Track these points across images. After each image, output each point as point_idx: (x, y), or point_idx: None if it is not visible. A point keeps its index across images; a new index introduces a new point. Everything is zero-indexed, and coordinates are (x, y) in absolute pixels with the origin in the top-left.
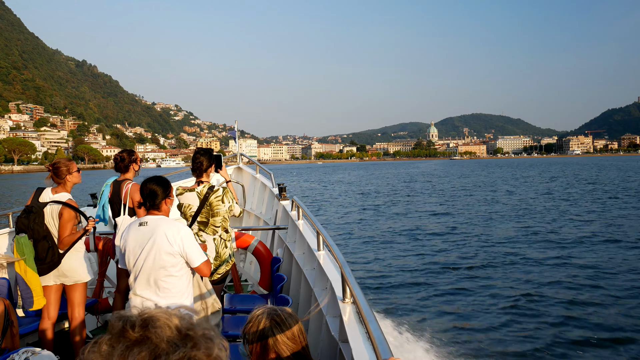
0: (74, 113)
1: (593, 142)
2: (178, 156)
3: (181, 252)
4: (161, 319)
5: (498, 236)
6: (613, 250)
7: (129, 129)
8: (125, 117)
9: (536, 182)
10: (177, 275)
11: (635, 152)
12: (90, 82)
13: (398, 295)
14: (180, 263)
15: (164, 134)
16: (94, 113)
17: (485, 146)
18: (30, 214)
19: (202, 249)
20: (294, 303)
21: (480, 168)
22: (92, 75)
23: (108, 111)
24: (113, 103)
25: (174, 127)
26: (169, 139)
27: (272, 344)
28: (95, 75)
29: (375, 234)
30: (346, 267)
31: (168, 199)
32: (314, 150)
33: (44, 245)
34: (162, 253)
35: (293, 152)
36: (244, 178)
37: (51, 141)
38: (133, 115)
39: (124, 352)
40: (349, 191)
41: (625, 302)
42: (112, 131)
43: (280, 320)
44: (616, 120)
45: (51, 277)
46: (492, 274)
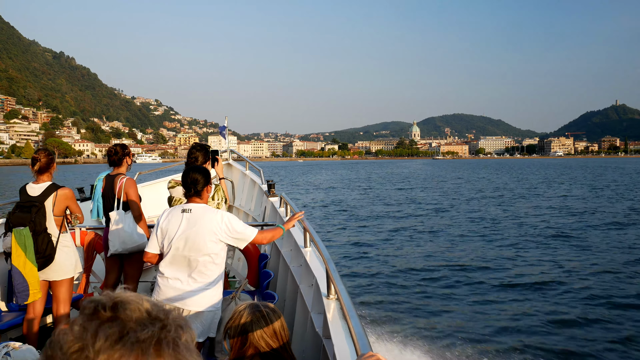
0: (48, 106)
1: (574, 144)
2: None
3: (230, 236)
4: (132, 302)
5: (494, 238)
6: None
7: (106, 123)
8: (103, 110)
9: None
10: (217, 263)
11: (615, 154)
12: (68, 75)
13: (383, 291)
14: (223, 251)
15: (142, 129)
16: (70, 106)
17: (467, 146)
18: (31, 208)
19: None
20: (280, 299)
21: (476, 168)
22: (69, 68)
23: (85, 104)
24: (91, 96)
25: (154, 122)
26: (147, 134)
27: (252, 339)
28: (73, 67)
29: (363, 231)
30: (331, 263)
31: (209, 186)
32: (295, 147)
33: (44, 239)
34: (206, 240)
35: (274, 150)
36: (234, 174)
37: (21, 134)
38: (111, 109)
39: (96, 330)
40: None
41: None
42: (87, 125)
43: (262, 316)
44: (594, 122)
45: (41, 273)
46: (477, 272)
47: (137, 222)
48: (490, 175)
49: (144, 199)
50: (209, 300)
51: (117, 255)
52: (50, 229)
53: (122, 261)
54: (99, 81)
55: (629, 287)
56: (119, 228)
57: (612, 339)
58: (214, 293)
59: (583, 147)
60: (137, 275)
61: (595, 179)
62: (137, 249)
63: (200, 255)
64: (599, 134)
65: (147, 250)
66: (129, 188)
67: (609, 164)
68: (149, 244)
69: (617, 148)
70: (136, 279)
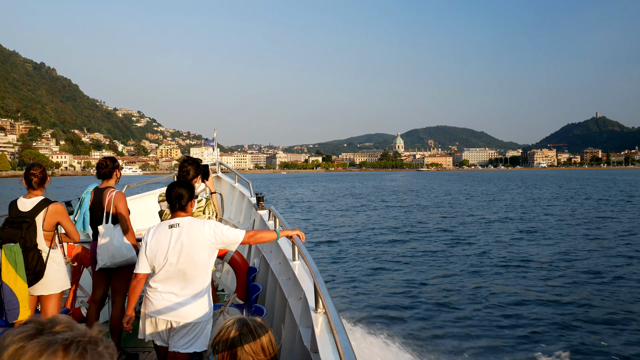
0: (27, 117)
1: (557, 155)
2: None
3: (221, 241)
4: (62, 321)
5: (488, 244)
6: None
7: (87, 135)
8: (84, 122)
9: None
10: (208, 273)
11: (598, 165)
12: (48, 86)
13: (372, 304)
14: (212, 260)
15: (124, 141)
16: (50, 117)
17: (451, 158)
18: (22, 224)
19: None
20: (269, 313)
21: (469, 181)
22: (50, 79)
23: (66, 116)
24: (72, 108)
25: (136, 133)
26: (129, 145)
27: (240, 354)
28: (54, 78)
29: (352, 244)
30: (319, 277)
31: (193, 201)
32: (278, 159)
33: (34, 255)
34: (199, 251)
35: (257, 162)
36: (223, 187)
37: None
38: (93, 120)
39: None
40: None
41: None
42: (67, 137)
43: (249, 330)
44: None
45: (31, 289)
46: (465, 283)
47: (125, 235)
48: (490, 188)
49: (133, 212)
50: (202, 310)
51: (105, 270)
52: (40, 245)
53: (110, 275)
54: (81, 92)
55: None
56: (108, 242)
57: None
58: (206, 303)
59: (566, 158)
60: (125, 289)
61: (607, 191)
62: (125, 263)
63: (194, 266)
64: (580, 145)
65: (138, 272)
66: (118, 201)
67: (597, 176)
68: (139, 265)
69: (599, 159)
70: (124, 293)
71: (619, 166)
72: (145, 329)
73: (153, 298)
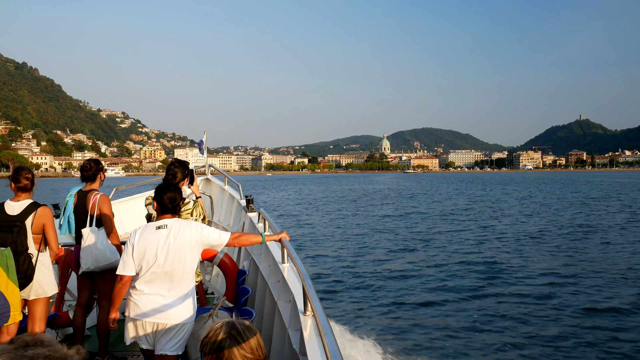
0: (8, 117)
1: (542, 158)
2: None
3: (207, 242)
4: (44, 341)
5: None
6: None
7: (69, 136)
8: (67, 123)
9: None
10: (193, 274)
11: (583, 167)
12: (31, 86)
13: (361, 307)
14: (197, 262)
15: (107, 142)
16: (31, 118)
17: (437, 160)
18: (12, 227)
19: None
20: (258, 316)
21: (461, 184)
22: (32, 79)
23: (48, 116)
24: (54, 108)
25: (120, 135)
26: (112, 146)
27: (228, 357)
28: (36, 78)
29: (342, 246)
30: (308, 280)
31: (182, 202)
32: (264, 161)
33: (25, 259)
34: (187, 252)
35: (242, 163)
36: (212, 189)
37: None
38: (76, 121)
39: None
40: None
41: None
42: (48, 137)
43: (237, 333)
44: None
45: (21, 292)
46: (456, 288)
47: (110, 239)
48: (498, 193)
49: (121, 215)
50: (188, 312)
51: (89, 273)
52: (30, 248)
53: (94, 279)
54: (64, 93)
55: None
56: (92, 245)
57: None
58: (191, 305)
59: (551, 160)
60: (111, 292)
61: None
62: (109, 266)
63: (182, 267)
64: (564, 147)
65: (123, 274)
66: (102, 204)
67: (588, 178)
68: (125, 267)
69: (584, 162)
70: (110, 297)
71: (603, 168)
72: (130, 333)
73: (139, 301)
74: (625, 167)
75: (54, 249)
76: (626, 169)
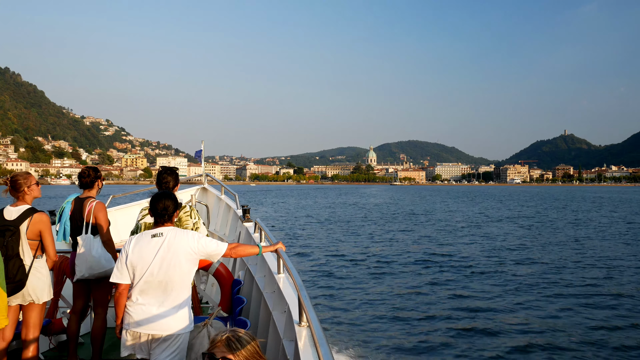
0: None
1: (529, 172)
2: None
3: (204, 252)
4: None
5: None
6: None
7: (51, 142)
8: (49, 129)
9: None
10: (189, 284)
11: (570, 182)
12: (12, 91)
13: (357, 318)
14: (194, 271)
15: (89, 149)
16: (12, 124)
17: (424, 172)
18: (5, 232)
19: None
20: (252, 326)
21: (456, 198)
22: (14, 84)
23: (30, 122)
24: (37, 114)
25: (104, 142)
26: (94, 154)
27: None
28: (19, 84)
29: (338, 256)
30: (303, 290)
31: (177, 211)
32: (249, 171)
33: (15, 263)
34: (182, 262)
35: (227, 173)
36: (209, 199)
37: None
38: (58, 128)
39: None
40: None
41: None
42: (27, 144)
43: (237, 339)
44: (545, 151)
45: (12, 298)
46: (452, 297)
47: (106, 247)
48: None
49: (117, 223)
50: (183, 322)
51: (85, 281)
52: (22, 253)
53: (90, 286)
54: (46, 99)
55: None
56: (87, 252)
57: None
58: (187, 315)
59: (538, 174)
60: (106, 300)
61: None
62: (104, 274)
63: (176, 277)
64: (549, 162)
65: (118, 282)
66: (98, 212)
67: (587, 193)
68: (119, 275)
69: (571, 177)
70: (106, 305)
71: (591, 183)
72: (125, 342)
73: (132, 311)
74: (612, 183)
75: (51, 255)
76: (614, 184)
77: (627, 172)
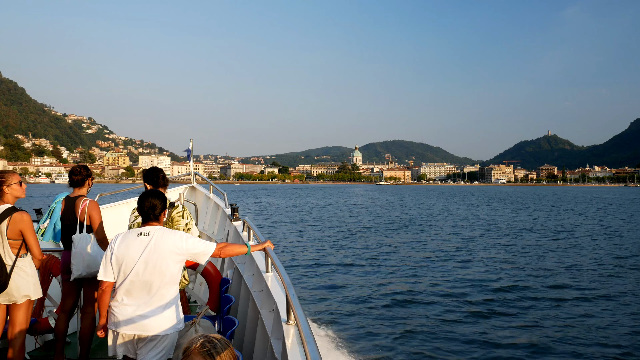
0: None
1: (514, 172)
2: None
3: (191, 252)
4: None
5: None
6: None
7: (31, 140)
8: (30, 127)
9: None
10: (176, 284)
11: (554, 182)
12: None
13: (344, 316)
14: (180, 271)
15: (71, 148)
16: None
17: (410, 172)
18: None
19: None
20: (240, 325)
21: (450, 197)
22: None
23: (9, 120)
24: (17, 112)
25: (86, 140)
26: (76, 152)
27: None
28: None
29: (326, 255)
30: (291, 289)
31: (165, 211)
32: (233, 170)
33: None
34: (169, 262)
35: (211, 172)
36: (197, 197)
37: None
38: (39, 126)
39: None
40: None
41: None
42: (6, 141)
43: (212, 347)
44: (528, 151)
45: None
46: (443, 294)
47: (101, 245)
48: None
49: (105, 222)
50: (169, 322)
51: (76, 279)
52: (3, 253)
53: (81, 285)
54: (27, 96)
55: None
56: (83, 251)
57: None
58: (174, 315)
59: (522, 175)
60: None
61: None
62: None
63: (161, 277)
64: (533, 162)
65: (103, 279)
66: (92, 210)
67: (575, 193)
68: (104, 272)
69: (555, 177)
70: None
71: (575, 183)
72: (111, 342)
73: (118, 311)
74: (596, 183)
75: (36, 255)
76: (597, 184)
77: (610, 172)
